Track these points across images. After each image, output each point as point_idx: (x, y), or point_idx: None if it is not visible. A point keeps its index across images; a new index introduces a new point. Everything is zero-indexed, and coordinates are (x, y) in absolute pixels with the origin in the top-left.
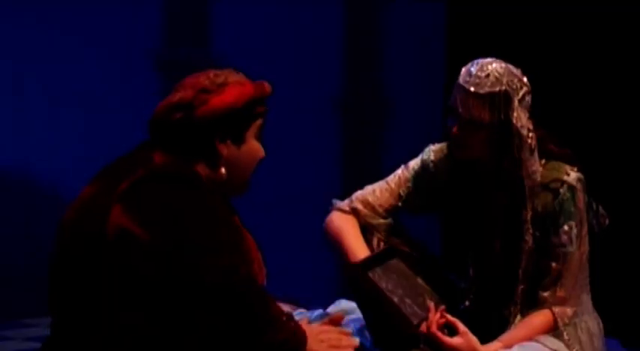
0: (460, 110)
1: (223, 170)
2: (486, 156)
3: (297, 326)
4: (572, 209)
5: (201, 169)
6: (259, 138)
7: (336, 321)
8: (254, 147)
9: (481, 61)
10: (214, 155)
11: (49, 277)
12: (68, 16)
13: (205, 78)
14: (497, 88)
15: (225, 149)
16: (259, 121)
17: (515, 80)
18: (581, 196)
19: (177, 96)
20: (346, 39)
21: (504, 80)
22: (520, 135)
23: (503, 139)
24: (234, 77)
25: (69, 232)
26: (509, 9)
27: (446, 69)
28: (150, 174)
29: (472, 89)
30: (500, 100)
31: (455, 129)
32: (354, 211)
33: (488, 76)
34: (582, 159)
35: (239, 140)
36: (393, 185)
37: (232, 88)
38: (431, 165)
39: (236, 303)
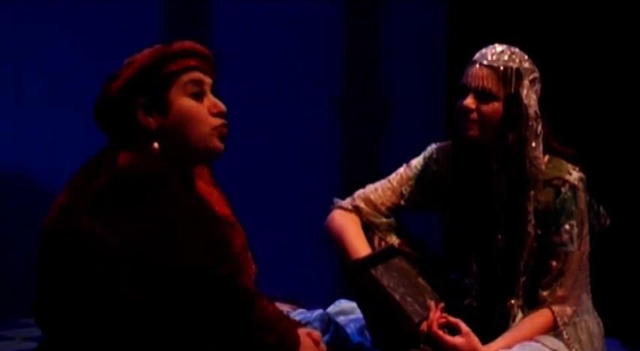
0: (473, 83)
1: (156, 145)
2: (493, 136)
3: (290, 329)
4: (574, 208)
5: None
6: (197, 94)
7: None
8: (186, 107)
9: (497, 44)
10: (144, 131)
11: (37, 285)
12: (68, 16)
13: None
14: (511, 64)
15: (152, 122)
16: (185, 78)
17: (527, 64)
18: (582, 196)
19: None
20: (346, 39)
21: (517, 59)
22: (527, 113)
23: (510, 114)
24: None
25: (47, 240)
26: (510, 9)
27: (446, 69)
28: (113, 180)
29: (486, 62)
30: (512, 75)
31: (465, 102)
32: (356, 210)
33: (502, 52)
34: (583, 159)
35: (162, 107)
36: (395, 183)
37: (137, 60)
38: (433, 163)
39: (218, 305)
